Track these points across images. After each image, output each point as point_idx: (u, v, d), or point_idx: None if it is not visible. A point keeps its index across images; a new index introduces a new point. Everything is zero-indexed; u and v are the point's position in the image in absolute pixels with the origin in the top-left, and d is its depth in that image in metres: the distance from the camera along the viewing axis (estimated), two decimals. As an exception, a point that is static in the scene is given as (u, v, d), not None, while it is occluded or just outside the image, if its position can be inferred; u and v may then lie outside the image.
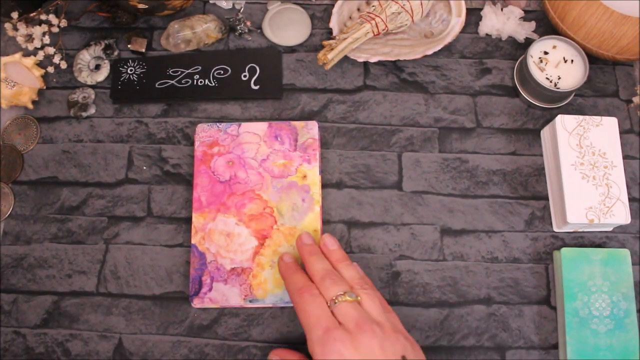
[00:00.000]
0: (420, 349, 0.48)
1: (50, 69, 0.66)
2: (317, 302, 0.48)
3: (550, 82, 0.62)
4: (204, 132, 0.61)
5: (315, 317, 0.47)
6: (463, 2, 0.65)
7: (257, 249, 0.57)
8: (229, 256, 0.57)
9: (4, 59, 0.63)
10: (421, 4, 0.63)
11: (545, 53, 0.63)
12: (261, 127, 0.61)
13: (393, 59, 0.64)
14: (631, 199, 0.61)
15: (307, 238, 0.55)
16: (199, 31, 0.66)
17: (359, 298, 0.49)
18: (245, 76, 0.65)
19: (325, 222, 0.60)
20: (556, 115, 0.59)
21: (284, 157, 0.60)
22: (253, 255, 0.57)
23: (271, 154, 0.60)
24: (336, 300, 0.48)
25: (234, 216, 0.58)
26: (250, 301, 0.56)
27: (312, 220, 0.58)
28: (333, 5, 0.68)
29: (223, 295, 0.56)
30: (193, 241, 0.57)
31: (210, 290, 0.56)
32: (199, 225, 0.58)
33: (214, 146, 0.60)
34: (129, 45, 0.66)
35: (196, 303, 0.56)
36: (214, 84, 0.64)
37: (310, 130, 0.61)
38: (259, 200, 0.59)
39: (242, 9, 0.69)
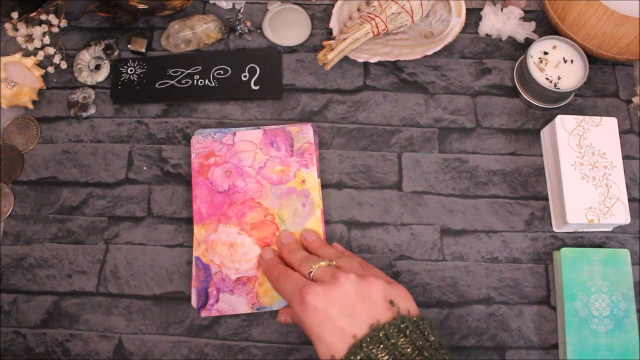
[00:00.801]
0: (407, 293, 0.47)
1: (50, 69, 0.66)
2: (292, 276, 0.49)
3: (550, 82, 0.62)
4: (199, 144, 0.61)
5: (291, 286, 0.47)
6: (463, 2, 0.65)
7: None
8: (234, 266, 0.57)
9: (4, 59, 0.63)
10: (421, 4, 0.63)
11: (545, 53, 0.63)
12: (256, 134, 0.61)
13: (393, 59, 0.64)
14: (631, 199, 0.61)
15: (285, 237, 0.56)
16: (199, 31, 0.66)
17: (334, 262, 0.49)
18: (245, 76, 0.65)
19: (326, 222, 0.60)
20: (556, 116, 0.59)
21: (281, 164, 0.60)
22: (258, 264, 0.57)
23: (268, 161, 0.60)
24: (312, 270, 0.48)
25: (236, 226, 0.58)
26: (258, 309, 0.56)
27: (314, 224, 0.58)
28: (333, 6, 0.68)
29: (230, 305, 0.56)
30: (196, 254, 0.57)
31: (217, 301, 0.56)
32: (201, 237, 0.58)
33: (210, 157, 0.60)
34: (129, 46, 0.66)
35: (204, 314, 0.56)
36: (214, 84, 0.64)
37: (306, 135, 0.61)
38: (259, 208, 0.58)
39: (242, 9, 0.69)
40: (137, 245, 0.59)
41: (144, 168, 0.62)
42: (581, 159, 0.58)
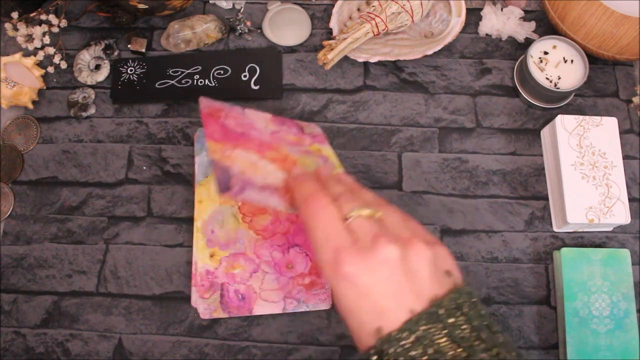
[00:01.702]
0: (451, 256, 0.40)
1: (50, 69, 0.66)
2: (326, 213, 0.40)
3: (550, 82, 0.62)
4: (208, 104, 0.53)
5: (324, 234, 0.39)
6: (463, 2, 0.65)
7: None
8: (258, 177, 0.47)
9: (4, 59, 0.63)
10: (421, 4, 0.63)
11: (545, 53, 0.63)
12: (265, 115, 0.56)
13: (393, 59, 0.64)
14: (631, 199, 0.61)
15: (325, 171, 0.48)
16: (199, 31, 0.66)
17: (379, 213, 0.40)
18: (245, 76, 0.65)
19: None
20: (556, 115, 0.59)
21: (295, 135, 0.55)
22: (284, 189, 0.47)
23: (281, 131, 0.54)
24: (349, 216, 0.40)
25: (256, 153, 0.49)
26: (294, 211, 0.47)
27: None
28: (333, 5, 0.68)
29: (261, 199, 0.45)
30: (212, 157, 0.46)
31: (242, 191, 0.45)
32: (216, 148, 0.47)
33: (219, 112, 0.53)
34: (129, 45, 0.66)
35: (226, 195, 0.45)
36: (214, 84, 0.64)
37: (314, 128, 0.60)
38: (277, 152, 0.50)
39: (242, 9, 0.69)
40: (137, 245, 0.59)
41: (144, 168, 0.62)
42: (581, 158, 0.58)
